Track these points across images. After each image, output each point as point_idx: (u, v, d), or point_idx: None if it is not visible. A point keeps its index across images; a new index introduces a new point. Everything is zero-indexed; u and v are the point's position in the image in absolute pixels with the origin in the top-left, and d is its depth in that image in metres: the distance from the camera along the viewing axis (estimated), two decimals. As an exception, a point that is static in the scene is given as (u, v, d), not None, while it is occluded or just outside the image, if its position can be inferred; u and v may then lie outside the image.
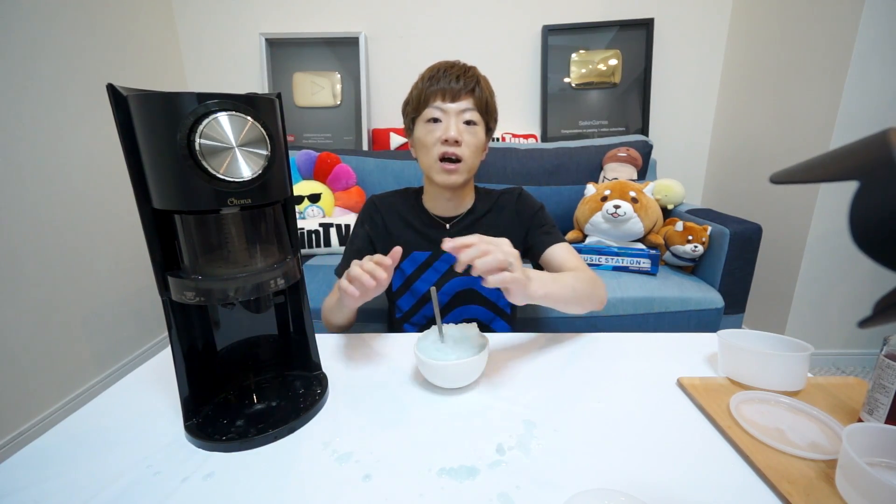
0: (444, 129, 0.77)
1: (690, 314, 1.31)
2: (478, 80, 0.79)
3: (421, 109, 0.80)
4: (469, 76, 0.78)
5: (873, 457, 0.41)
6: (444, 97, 0.77)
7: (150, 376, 0.66)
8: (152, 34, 1.94)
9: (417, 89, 0.80)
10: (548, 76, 2.05)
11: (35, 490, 0.44)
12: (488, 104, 0.81)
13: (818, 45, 1.53)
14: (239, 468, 0.47)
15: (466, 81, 0.77)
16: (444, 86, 0.77)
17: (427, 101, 0.78)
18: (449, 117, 0.77)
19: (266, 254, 0.51)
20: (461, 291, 0.87)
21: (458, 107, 0.77)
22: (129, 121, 0.43)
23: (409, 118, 0.84)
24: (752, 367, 0.58)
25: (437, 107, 0.77)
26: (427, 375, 0.61)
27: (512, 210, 0.89)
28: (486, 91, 0.80)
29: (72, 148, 1.54)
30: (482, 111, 0.80)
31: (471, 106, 0.78)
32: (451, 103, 0.77)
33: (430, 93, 0.78)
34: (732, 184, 2.01)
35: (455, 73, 0.78)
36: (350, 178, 1.77)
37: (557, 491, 0.42)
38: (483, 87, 0.80)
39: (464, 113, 0.78)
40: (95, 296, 1.63)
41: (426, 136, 0.79)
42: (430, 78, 0.78)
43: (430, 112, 0.78)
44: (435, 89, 0.77)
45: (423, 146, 0.80)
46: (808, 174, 0.24)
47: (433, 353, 0.60)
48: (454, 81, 0.77)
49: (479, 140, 0.80)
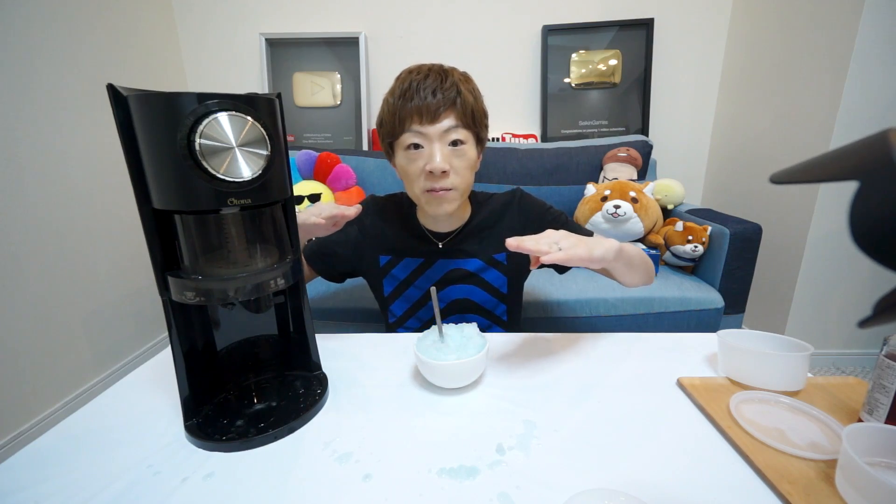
0: (427, 158, 0.68)
1: (690, 314, 1.31)
2: (458, 90, 0.68)
3: (398, 134, 0.69)
4: (447, 86, 0.67)
5: (873, 457, 0.41)
6: (422, 118, 0.67)
7: (150, 376, 0.66)
8: (152, 34, 1.94)
9: (390, 107, 0.70)
10: (548, 76, 2.05)
11: (35, 490, 0.44)
12: (475, 113, 0.70)
13: (818, 45, 1.53)
14: (239, 468, 0.47)
15: (445, 93, 0.66)
16: (419, 103, 0.66)
17: (403, 124, 0.68)
18: (431, 142, 0.68)
19: (266, 254, 0.51)
20: (458, 300, 0.85)
21: (440, 128, 0.67)
22: (129, 121, 0.43)
23: (385, 142, 0.74)
24: (752, 367, 0.58)
25: (416, 131, 0.67)
26: (427, 375, 0.61)
27: (515, 215, 0.85)
28: (469, 98, 0.69)
29: (72, 148, 1.54)
30: (468, 124, 0.70)
31: (454, 123, 0.68)
32: (431, 125, 0.67)
33: (405, 113, 0.67)
34: (732, 184, 2.01)
35: (431, 85, 0.67)
36: (350, 178, 1.77)
37: (557, 491, 0.42)
38: (466, 94, 0.69)
39: (447, 133, 0.68)
40: (95, 296, 1.63)
41: (408, 165, 0.71)
42: (403, 94, 0.67)
43: (408, 137, 0.68)
44: (410, 108, 0.67)
45: (406, 176, 0.72)
46: (808, 174, 0.24)
47: (433, 353, 0.60)
48: (430, 96, 0.66)
49: (469, 159, 0.72)
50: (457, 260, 0.84)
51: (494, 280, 0.85)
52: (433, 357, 0.59)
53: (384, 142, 0.75)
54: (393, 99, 0.70)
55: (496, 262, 0.84)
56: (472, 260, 0.84)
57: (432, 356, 0.59)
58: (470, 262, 0.84)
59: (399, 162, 0.74)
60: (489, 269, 0.84)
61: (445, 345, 0.61)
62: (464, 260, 0.84)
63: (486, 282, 0.85)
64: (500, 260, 0.84)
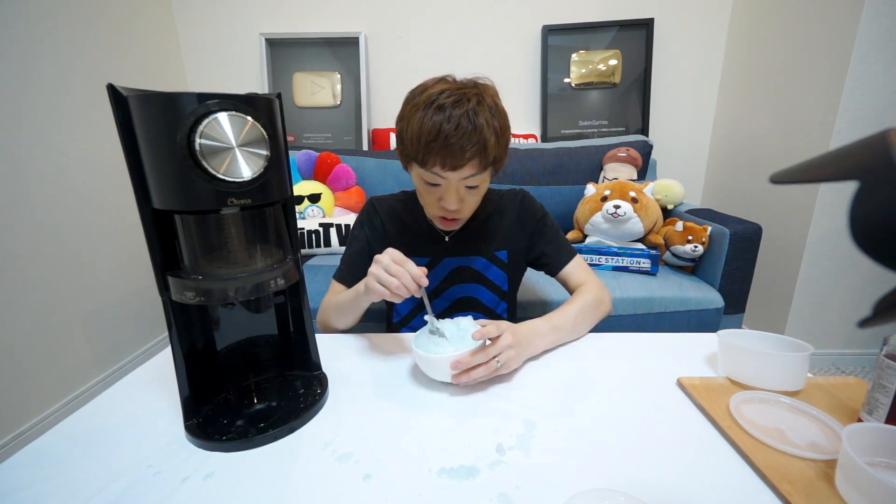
0: (443, 195, 0.71)
1: (690, 314, 1.31)
2: (485, 142, 0.67)
3: (418, 164, 0.70)
4: (475, 141, 0.66)
5: (873, 457, 0.41)
6: (444, 166, 0.67)
7: (150, 376, 0.66)
8: (152, 34, 1.94)
9: (413, 143, 0.68)
10: (548, 76, 2.05)
11: (35, 490, 0.44)
12: (496, 157, 0.71)
13: (818, 45, 1.53)
14: (239, 468, 0.47)
15: (471, 149, 0.66)
16: (445, 154, 0.66)
17: (425, 164, 0.69)
18: (450, 184, 0.70)
19: (266, 254, 0.51)
20: (461, 298, 0.86)
21: (460, 175, 0.69)
22: (129, 121, 0.43)
23: (403, 156, 0.75)
24: (752, 367, 0.58)
25: (437, 173, 0.69)
26: (425, 369, 0.61)
27: (514, 214, 0.87)
28: (492, 142, 0.68)
29: (72, 148, 1.54)
30: (487, 166, 0.71)
31: (474, 171, 0.69)
32: (452, 172, 0.68)
33: (428, 155, 0.68)
34: (732, 184, 2.01)
35: (458, 140, 0.65)
36: (350, 178, 1.77)
37: (557, 491, 0.42)
38: (489, 140, 0.67)
39: (466, 180, 0.70)
40: (95, 296, 1.63)
41: (423, 190, 0.75)
42: (431, 138, 0.66)
43: (428, 175, 0.70)
44: (434, 153, 0.67)
45: (419, 194, 0.78)
46: (808, 174, 0.24)
47: (431, 348, 0.60)
48: (458, 150, 0.65)
49: (481, 193, 0.76)
50: (462, 258, 0.85)
51: (496, 278, 0.86)
52: (431, 351, 0.59)
53: (402, 156, 0.76)
54: (419, 140, 0.68)
55: (497, 260, 0.85)
56: (477, 258, 0.85)
57: (430, 350, 0.59)
58: (475, 261, 0.85)
59: (414, 179, 0.77)
60: (491, 267, 0.86)
61: (443, 339, 0.61)
62: (469, 258, 0.85)
63: (489, 280, 0.86)
64: (501, 257, 0.85)
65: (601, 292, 0.80)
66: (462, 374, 0.58)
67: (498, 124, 0.69)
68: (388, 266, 0.62)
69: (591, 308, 0.76)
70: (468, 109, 0.66)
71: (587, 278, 0.82)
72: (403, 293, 0.61)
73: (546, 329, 0.69)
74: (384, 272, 0.62)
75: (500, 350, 0.59)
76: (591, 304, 0.77)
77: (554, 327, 0.71)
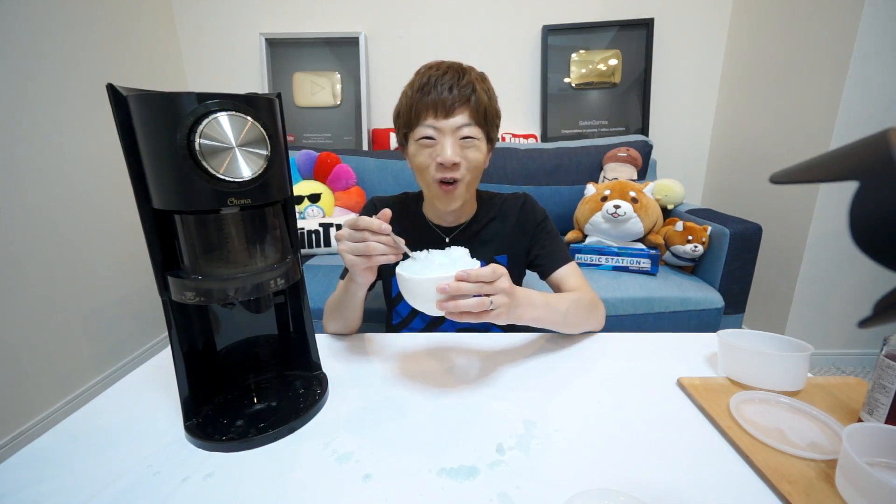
0: (439, 150, 0.71)
1: (690, 314, 1.31)
2: (474, 88, 0.71)
3: (413, 126, 0.73)
4: (464, 83, 0.70)
5: (873, 457, 0.41)
6: (437, 112, 0.70)
7: (150, 376, 0.66)
8: (152, 34, 1.94)
9: (408, 99, 0.73)
10: (548, 76, 2.05)
11: (35, 490, 0.44)
12: (487, 112, 0.73)
13: (818, 45, 1.53)
14: (239, 468, 0.47)
15: (461, 90, 0.69)
16: (435, 98, 0.69)
17: (419, 117, 0.71)
18: (444, 136, 0.71)
19: (266, 254, 0.51)
20: None
21: (454, 123, 0.70)
22: (129, 121, 0.43)
23: (400, 132, 0.78)
24: (752, 367, 0.58)
25: (430, 125, 0.71)
26: (408, 297, 0.55)
27: (515, 217, 0.86)
28: (484, 98, 0.72)
29: (72, 148, 1.54)
30: (481, 122, 0.73)
31: (467, 120, 0.71)
32: (445, 119, 0.70)
33: (421, 107, 0.71)
34: (732, 184, 2.01)
35: (448, 81, 0.70)
36: (350, 178, 1.77)
37: (557, 491, 0.42)
38: (481, 93, 0.72)
39: (460, 129, 0.71)
40: (95, 296, 1.63)
41: (420, 156, 0.74)
42: (422, 88, 0.71)
43: (422, 130, 0.72)
44: (426, 102, 0.70)
45: (417, 166, 0.76)
46: (808, 174, 0.24)
47: (416, 269, 0.54)
48: (447, 91, 0.69)
49: (479, 155, 0.75)
50: None
51: None
52: (416, 273, 0.53)
53: (399, 132, 0.78)
54: (411, 92, 0.73)
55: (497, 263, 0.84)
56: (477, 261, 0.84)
57: (416, 272, 0.53)
58: None
59: (412, 151, 0.76)
60: None
61: (431, 261, 0.56)
62: None
63: None
64: (501, 261, 0.85)
65: (597, 301, 0.78)
66: (449, 301, 0.52)
67: (487, 87, 0.74)
68: (350, 236, 0.60)
69: (585, 307, 0.74)
70: (455, 66, 0.73)
71: (582, 285, 0.80)
72: (382, 249, 0.58)
73: (540, 301, 0.66)
74: (351, 242, 0.60)
75: (495, 291, 0.55)
76: (586, 303, 0.75)
77: (547, 303, 0.68)
